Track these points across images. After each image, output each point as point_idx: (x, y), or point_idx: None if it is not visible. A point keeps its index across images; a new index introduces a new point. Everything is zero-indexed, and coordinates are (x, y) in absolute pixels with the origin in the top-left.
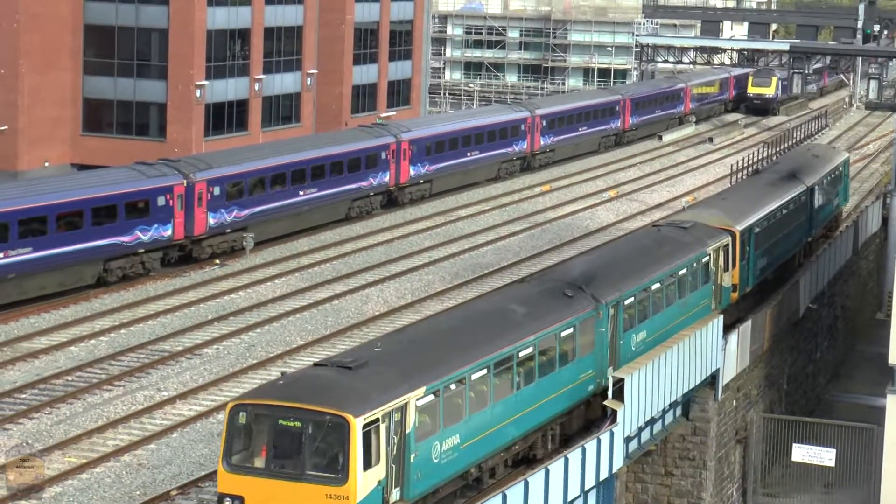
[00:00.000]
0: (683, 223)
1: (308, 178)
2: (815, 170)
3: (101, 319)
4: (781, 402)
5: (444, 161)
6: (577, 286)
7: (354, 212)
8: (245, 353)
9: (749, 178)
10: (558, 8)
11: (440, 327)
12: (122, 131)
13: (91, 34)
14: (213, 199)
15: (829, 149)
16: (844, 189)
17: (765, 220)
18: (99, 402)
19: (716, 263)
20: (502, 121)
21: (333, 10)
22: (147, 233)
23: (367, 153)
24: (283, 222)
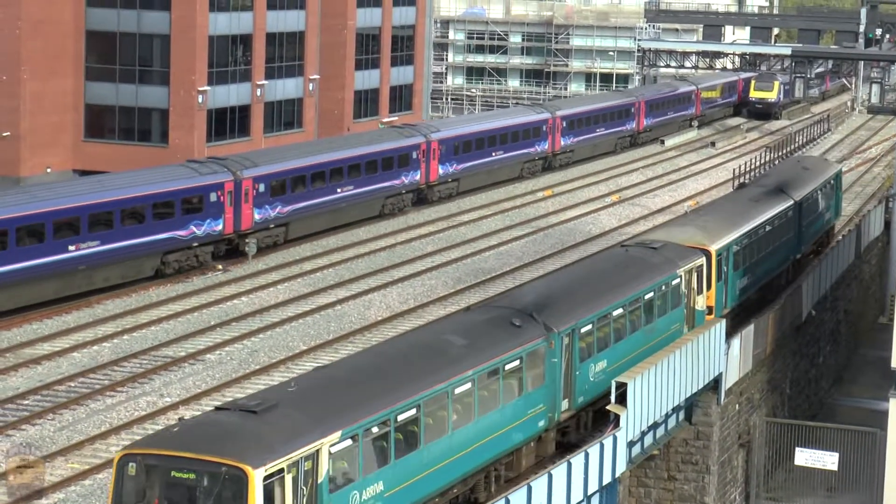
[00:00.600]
0: (653, 243)
1: (345, 175)
2: (804, 183)
3: (103, 325)
4: (784, 406)
5: (471, 161)
6: (527, 314)
7: (388, 209)
8: (248, 358)
9: (733, 193)
10: (560, 13)
11: (365, 363)
12: (124, 137)
13: (93, 40)
14: (258, 195)
15: (821, 161)
16: (836, 203)
17: (745, 237)
18: (102, 408)
19: (688, 285)
20: (525, 122)
21: (335, 16)
22: (200, 227)
23: (399, 153)
24: (322, 218)
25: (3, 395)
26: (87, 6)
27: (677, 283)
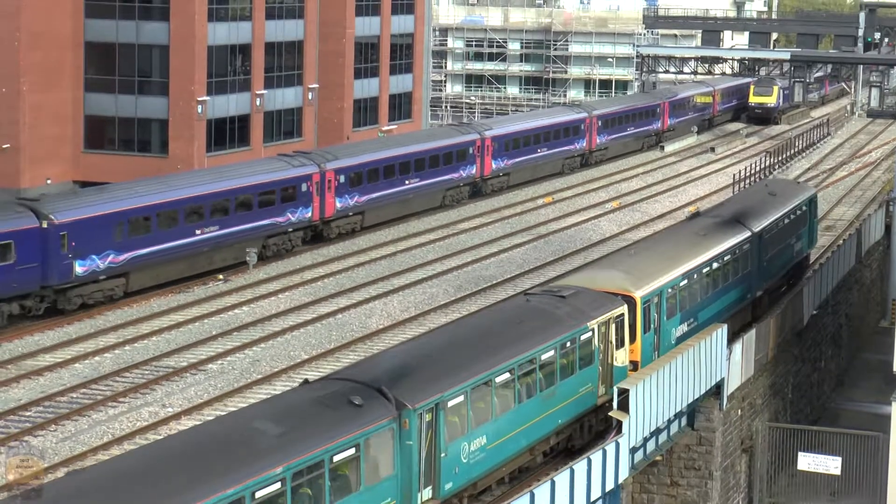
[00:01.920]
0: (562, 290)
1: (412, 169)
2: (767, 211)
3: (104, 336)
4: (786, 410)
5: (520, 156)
6: (374, 388)
7: (447, 200)
8: (249, 368)
9: (681, 224)
10: (559, 19)
11: (128, 467)
12: (123, 148)
13: (92, 51)
14: (339, 185)
15: (792, 185)
16: (810, 231)
17: (685, 278)
18: (104, 419)
19: (603, 339)
20: (565, 121)
21: (334, 25)
22: (294, 214)
23: (458, 148)
24: (392, 208)
25: (4, 407)
26: (85, 17)
27: (588, 338)
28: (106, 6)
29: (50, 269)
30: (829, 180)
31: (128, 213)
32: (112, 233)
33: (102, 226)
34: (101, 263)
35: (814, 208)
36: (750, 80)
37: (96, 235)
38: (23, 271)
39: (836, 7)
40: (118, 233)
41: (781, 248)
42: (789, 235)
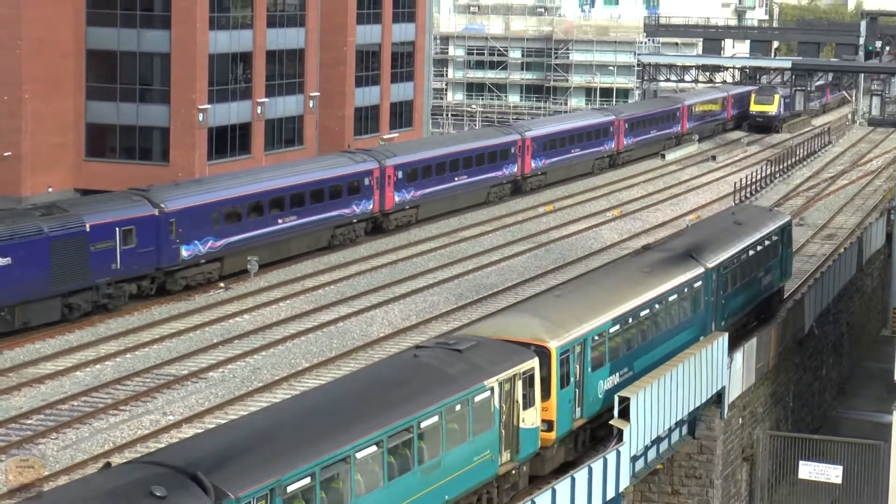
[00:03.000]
0: (459, 343)
1: (460, 167)
2: (727, 243)
3: (106, 344)
4: (787, 419)
5: (556, 156)
6: (188, 475)
7: (492, 196)
8: (250, 376)
9: (625, 259)
10: (560, 28)
11: None
12: (125, 156)
13: (93, 59)
14: (398, 181)
15: (762, 212)
16: (784, 262)
17: (617, 322)
18: (105, 427)
19: (507, 399)
20: (595, 123)
21: (335, 33)
22: (359, 206)
23: (501, 147)
24: (443, 202)
25: (6, 415)
26: (87, 25)
27: (486, 399)
28: (107, 14)
29: (162, 253)
30: (830, 189)
31: (224, 202)
32: (211, 221)
33: (203, 214)
34: (203, 248)
35: (787, 237)
36: (752, 88)
37: (198, 223)
38: (142, 254)
39: (838, 15)
40: (216, 221)
41: (745, 282)
42: (756, 269)
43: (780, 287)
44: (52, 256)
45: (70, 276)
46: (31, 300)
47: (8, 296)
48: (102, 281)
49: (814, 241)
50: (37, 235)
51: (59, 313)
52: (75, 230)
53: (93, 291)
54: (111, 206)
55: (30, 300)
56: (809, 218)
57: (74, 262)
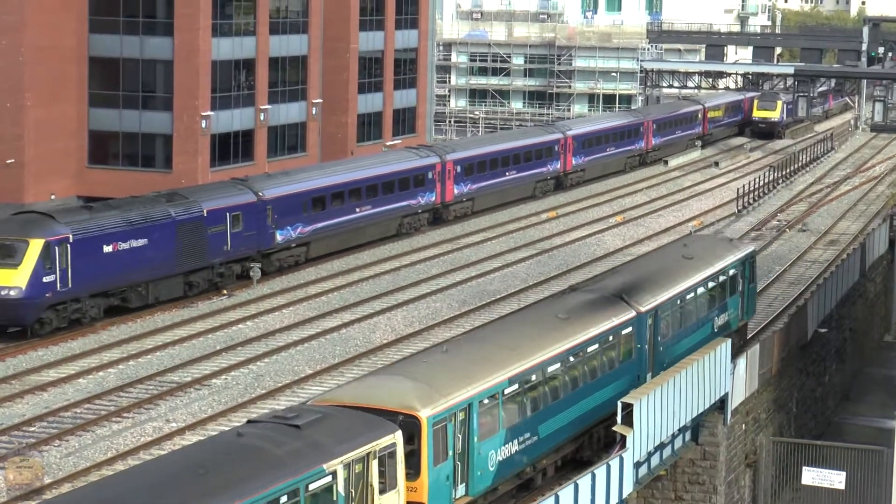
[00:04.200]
0: (303, 415)
1: (511, 162)
2: (670, 281)
3: (109, 351)
4: (791, 425)
5: (594, 154)
6: None
7: (538, 191)
8: (253, 382)
9: (542, 304)
10: (562, 34)
11: None
12: (127, 163)
13: (96, 66)
14: (456, 174)
15: (719, 244)
16: (746, 298)
17: (515, 381)
18: (108, 434)
19: (356, 483)
20: (627, 123)
21: (338, 39)
22: (423, 198)
23: (545, 146)
24: (493, 196)
25: (9, 422)
26: (90, 32)
27: (326, 485)
28: (110, 21)
29: (262, 237)
30: (833, 195)
31: (311, 192)
32: (300, 208)
33: (294, 202)
34: (293, 233)
35: (750, 270)
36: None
37: (290, 210)
38: (246, 237)
39: (840, 22)
40: (304, 208)
41: (693, 325)
42: (707, 309)
43: (742, 326)
44: (178, 238)
45: (191, 256)
46: (160, 278)
47: (144, 273)
48: (216, 261)
49: (817, 246)
50: (166, 219)
51: (182, 290)
52: (196, 215)
53: (208, 270)
54: (222, 194)
55: (159, 278)
56: (812, 224)
57: (195, 243)
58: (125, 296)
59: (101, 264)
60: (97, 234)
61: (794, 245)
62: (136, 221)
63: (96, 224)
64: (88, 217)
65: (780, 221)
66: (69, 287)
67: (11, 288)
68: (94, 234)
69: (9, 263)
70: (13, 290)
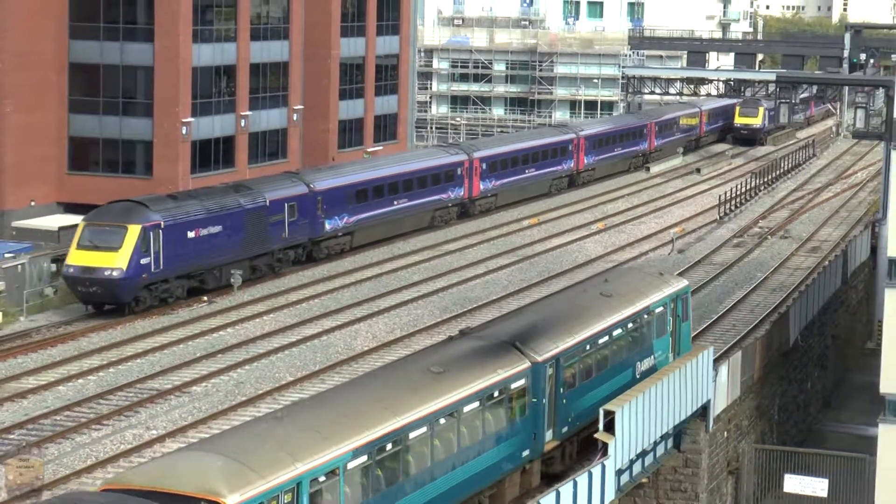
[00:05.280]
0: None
1: (529, 161)
2: (576, 326)
3: (88, 358)
4: (773, 432)
5: (604, 153)
6: None
7: (553, 188)
8: (234, 390)
9: (418, 355)
10: (544, 40)
11: None
12: (108, 169)
13: (76, 72)
14: (482, 171)
15: (647, 279)
16: (677, 338)
17: (358, 455)
18: (87, 442)
19: None
20: (632, 125)
21: (319, 46)
22: (452, 193)
23: (561, 145)
24: (514, 192)
25: None
26: (70, 39)
27: None
28: (90, 27)
29: (313, 225)
30: (815, 201)
31: (356, 185)
32: (346, 200)
33: (341, 194)
34: (340, 223)
35: (683, 307)
36: (736, 101)
37: (338, 201)
38: (301, 226)
39: (822, 28)
40: (349, 200)
41: (608, 373)
42: (627, 353)
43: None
44: (246, 226)
45: (256, 242)
46: (231, 262)
47: (218, 257)
48: (276, 247)
49: (798, 253)
50: (237, 208)
51: (248, 273)
52: (260, 204)
53: (269, 256)
54: (280, 185)
55: (231, 262)
56: (794, 231)
57: (259, 230)
58: (203, 278)
59: (185, 248)
60: (183, 220)
61: (775, 252)
62: (213, 210)
63: (182, 212)
64: (175, 205)
65: (761, 228)
66: (161, 269)
67: (114, 269)
68: (180, 220)
69: (111, 247)
70: (115, 271)
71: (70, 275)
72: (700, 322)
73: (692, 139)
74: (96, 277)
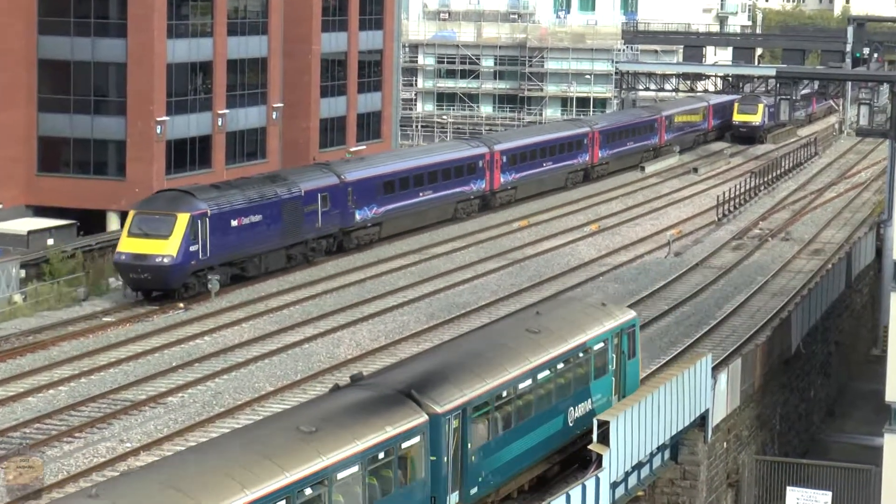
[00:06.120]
0: None
1: (547, 154)
2: (494, 368)
3: (59, 368)
4: (774, 443)
5: (617, 148)
6: None
7: (570, 181)
8: (211, 400)
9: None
10: (534, 35)
11: None
12: (79, 171)
13: (46, 70)
14: (503, 164)
15: (589, 310)
16: (613, 381)
17: None
18: (59, 455)
19: None
20: (644, 120)
21: (299, 41)
22: (475, 185)
23: (576, 139)
24: (534, 184)
25: None
26: (39, 34)
27: None
28: (60, 22)
29: (344, 216)
30: (817, 202)
31: (384, 176)
32: (375, 191)
33: (370, 185)
34: (369, 213)
35: (630, 342)
36: (734, 98)
37: (367, 192)
38: (333, 216)
39: (823, 21)
40: (378, 191)
41: (530, 423)
42: (556, 398)
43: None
44: (283, 215)
45: (292, 231)
46: (269, 251)
47: (258, 246)
48: (310, 237)
49: (800, 256)
50: (275, 198)
51: (284, 262)
52: (296, 195)
53: (303, 245)
54: (313, 176)
55: (269, 251)
56: (796, 232)
57: (295, 220)
58: (244, 266)
59: (229, 236)
60: (227, 209)
61: (776, 255)
62: (254, 199)
63: (225, 201)
64: (219, 194)
65: (762, 230)
66: (207, 256)
67: (165, 256)
68: (225, 209)
69: (161, 234)
70: (166, 258)
71: (122, 261)
72: (698, 328)
73: (700, 133)
74: (147, 264)
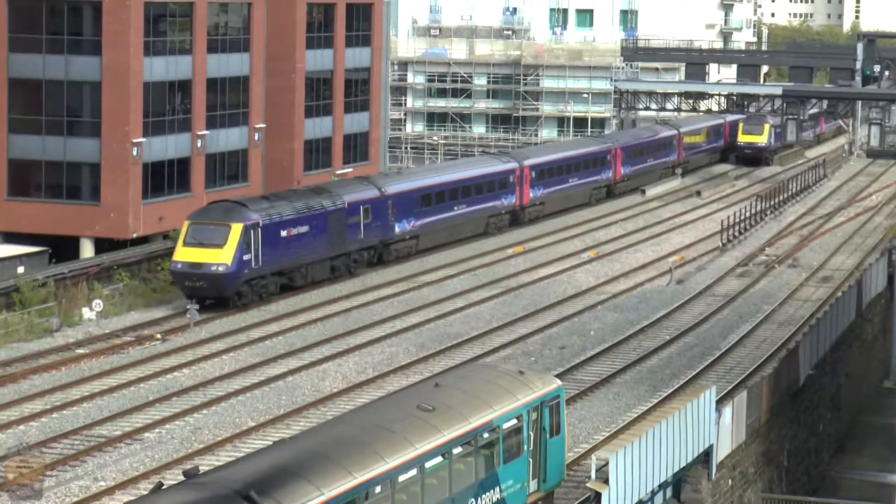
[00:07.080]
0: None
1: (573, 170)
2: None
3: (30, 402)
4: (782, 480)
5: (638, 164)
6: None
7: (594, 198)
8: (190, 436)
9: None
10: (529, 52)
11: None
12: (51, 195)
13: (16, 89)
14: (532, 179)
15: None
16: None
17: None
18: (29, 495)
19: None
20: (662, 137)
21: (282, 59)
22: (506, 199)
23: (599, 155)
24: (560, 200)
25: None
26: (9, 52)
27: None
28: (31, 39)
29: (385, 228)
30: (826, 227)
31: (421, 190)
32: (413, 204)
33: (409, 199)
34: (408, 226)
35: (552, 417)
36: (739, 118)
37: (406, 205)
38: (374, 228)
39: (832, 37)
40: (416, 204)
41: None
42: (449, 490)
43: (542, 498)
44: (328, 226)
45: (336, 243)
46: (315, 261)
47: (305, 256)
48: (353, 248)
49: (809, 284)
50: (321, 210)
51: (329, 272)
52: (340, 207)
53: (346, 256)
54: (356, 189)
55: (315, 261)
56: (804, 259)
57: (338, 231)
58: (292, 275)
59: (279, 246)
60: (277, 220)
61: (783, 282)
62: (302, 210)
63: (276, 212)
64: (269, 206)
65: (768, 256)
66: (260, 265)
67: (220, 264)
68: (275, 220)
69: (216, 244)
70: (221, 266)
71: (178, 270)
72: (702, 359)
73: (718, 150)
74: (203, 273)
